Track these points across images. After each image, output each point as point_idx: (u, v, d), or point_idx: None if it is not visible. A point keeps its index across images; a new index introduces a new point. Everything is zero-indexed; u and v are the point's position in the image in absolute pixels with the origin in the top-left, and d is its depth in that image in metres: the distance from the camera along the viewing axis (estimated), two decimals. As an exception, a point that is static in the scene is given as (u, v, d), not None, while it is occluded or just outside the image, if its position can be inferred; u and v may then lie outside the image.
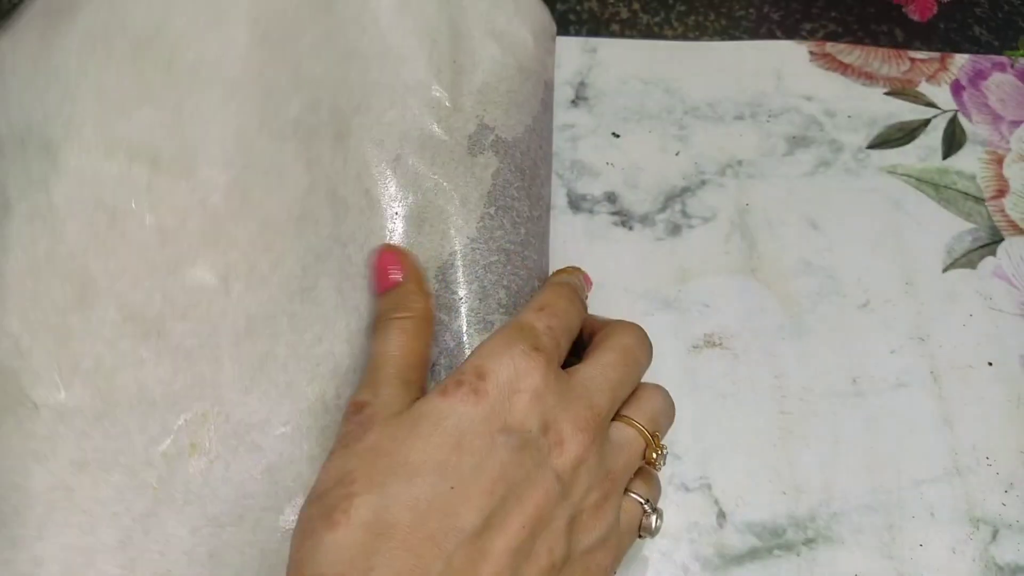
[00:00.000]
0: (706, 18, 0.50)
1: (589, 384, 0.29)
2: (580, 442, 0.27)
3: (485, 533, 0.25)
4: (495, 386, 0.27)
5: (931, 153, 0.45)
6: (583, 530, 0.27)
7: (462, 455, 0.26)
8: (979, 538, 0.35)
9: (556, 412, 0.27)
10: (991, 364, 0.39)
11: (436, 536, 0.24)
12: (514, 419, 0.27)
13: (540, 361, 0.28)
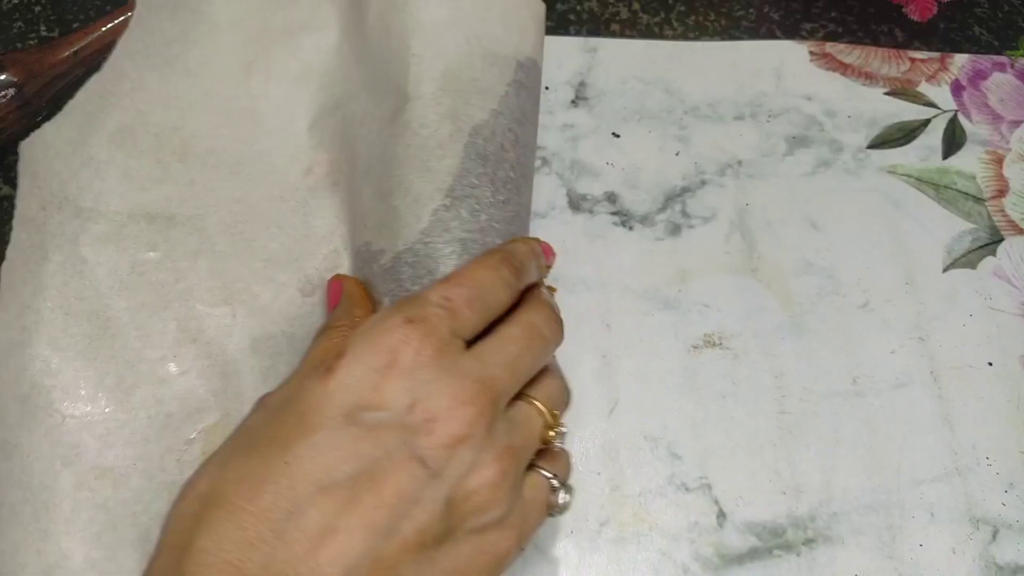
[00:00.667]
0: (706, 18, 0.50)
1: (485, 358, 0.27)
2: (460, 417, 0.25)
3: (328, 511, 0.24)
4: (348, 363, 0.26)
5: (931, 153, 0.45)
6: (470, 509, 0.26)
7: (302, 432, 0.25)
8: (979, 538, 0.35)
9: (431, 387, 0.26)
10: (991, 364, 0.39)
11: (267, 509, 0.24)
12: (377, 397, 0.25)
13: (413, 334, 0.26)
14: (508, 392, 0.28)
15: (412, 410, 0.25)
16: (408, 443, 0.25)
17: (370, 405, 0.25)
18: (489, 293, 0.29)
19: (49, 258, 0.35)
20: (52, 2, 0.49)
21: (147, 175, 0.38)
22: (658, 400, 0.38)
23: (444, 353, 0.26)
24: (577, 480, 0.35)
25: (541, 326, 0.30)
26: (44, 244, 0.36)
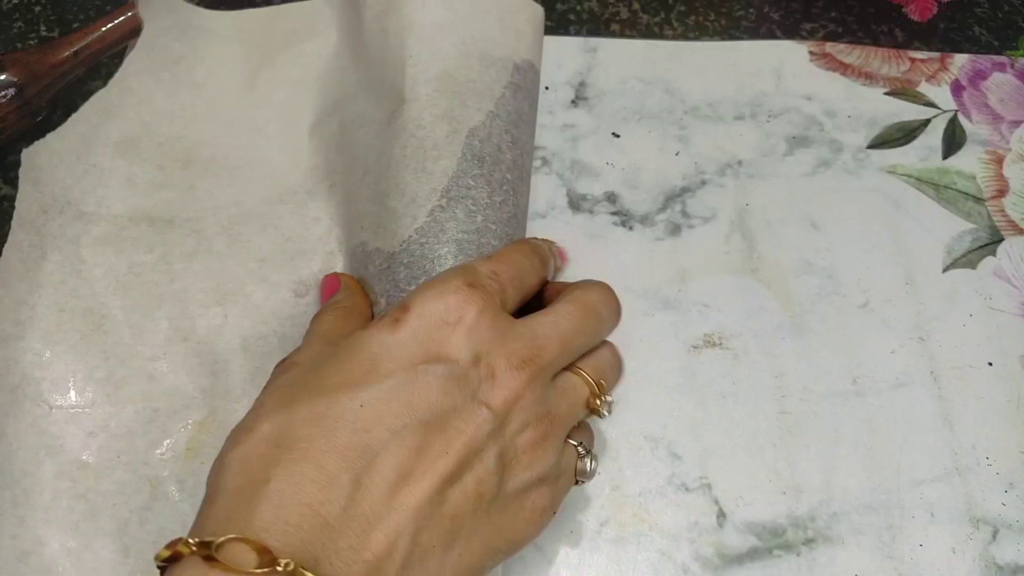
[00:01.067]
0: (706, 18, 0.50)
1: (537, 328, 0.28)
2: (515, 378, 0.27)
3: (400, 455, 0.24)
4: (418, 316, 0.27)
5: (931, 153, 0.45)
6: (517, 468, 0.27)
7: (375, 376, 0.25)
8: (979, 538, 0.35)
9: (490, 346, 0.27)
10: (991, 364, 0.39)
11: (343, 449, 0.24)
12: (441, 349, 0.26)
13: (475, 296, 0.27)
14: (557, 363, 0.28)
15: (476, 366, 0.26)
16: (475, 395, 0.26)
17: (439, 356, 0.26)
18: (527, 275, 0.31)
19: (47, 258, 0.36)
20: (52, 2, 0.49)
21: (149, 181, 0.39)
22: (658, 400, 0.38)
23: (499, 319, 0.28)
24: (577, 480, 0.36)
25: (597, 305, 0.30)
26: (43, 244, 0.36)
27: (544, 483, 0.28)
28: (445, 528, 0.25)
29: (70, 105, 0.42)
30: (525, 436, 0.27)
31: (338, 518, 0.23)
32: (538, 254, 0.32)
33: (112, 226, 0.37)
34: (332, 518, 0.23)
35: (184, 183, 0.39)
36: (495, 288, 0.28)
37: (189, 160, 0.40)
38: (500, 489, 0.26)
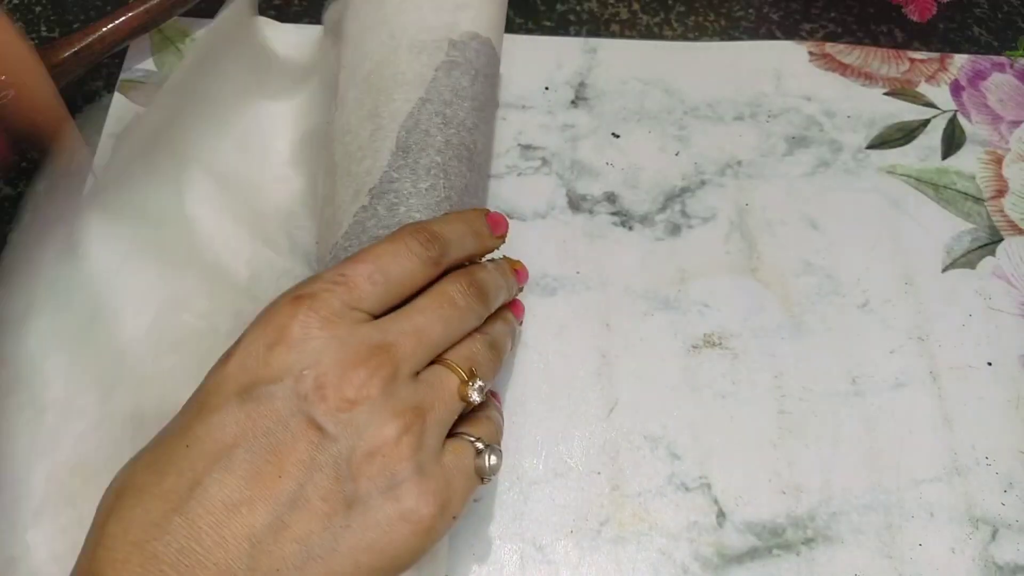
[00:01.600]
0: (706, 19, 0.50)
1: (388, 326, 0.28)
2: (350, 382, 0.26)
3: (229, 485, 0.24)
4: (246, 344, 0.26)
5: (930, 153, 0.45)
6: (371, 473, 0.25)
7: (200, 416, 0.26)
8: (978, 538, 0.35)
9: (320, 356, 0.26)
10: (990, 364, 0.39)
11: (169, 492, 0.24)
12: (268, 372, 0.26)
13: (300, 309, 0.27)
14: (412, 357, 0.27)
15: (302, 379, 0.26)
16: (302, 411, 0.25)
17: (263, 379, 0.26)
18: (391, 264, 0.29)
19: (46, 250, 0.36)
20: (52, 2, 0.49)
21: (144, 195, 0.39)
22: (658, 400, 0.38)
23: (334, 324, 0.27)
24: (577, 480, 0.36)
25: (453, 295, 0.30)
26: (43, 239, 0.36)
27: (416, 484, 0.26)
28: (292, 551, 0.24)
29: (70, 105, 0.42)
30: (375, 435, 0.26)
31: (172, 556, 0.23)
32: (418, 235, 0.30)
33: (110, 216, 0.37)
34: (165, 556, 0.23)
35: (177, 194, 0.39)
36: (332, 291, 0.27)
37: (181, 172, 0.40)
38: (355, 500, 0.25)
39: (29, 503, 0.32)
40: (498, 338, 0.32)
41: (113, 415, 0.34)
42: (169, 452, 0.25)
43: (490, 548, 0.34)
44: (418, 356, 0.28)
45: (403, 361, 0.27)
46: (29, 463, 0.32)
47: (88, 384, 0.34)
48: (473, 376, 0.29)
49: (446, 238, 0.31)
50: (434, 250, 0.30)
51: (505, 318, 0.34)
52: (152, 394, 0.35)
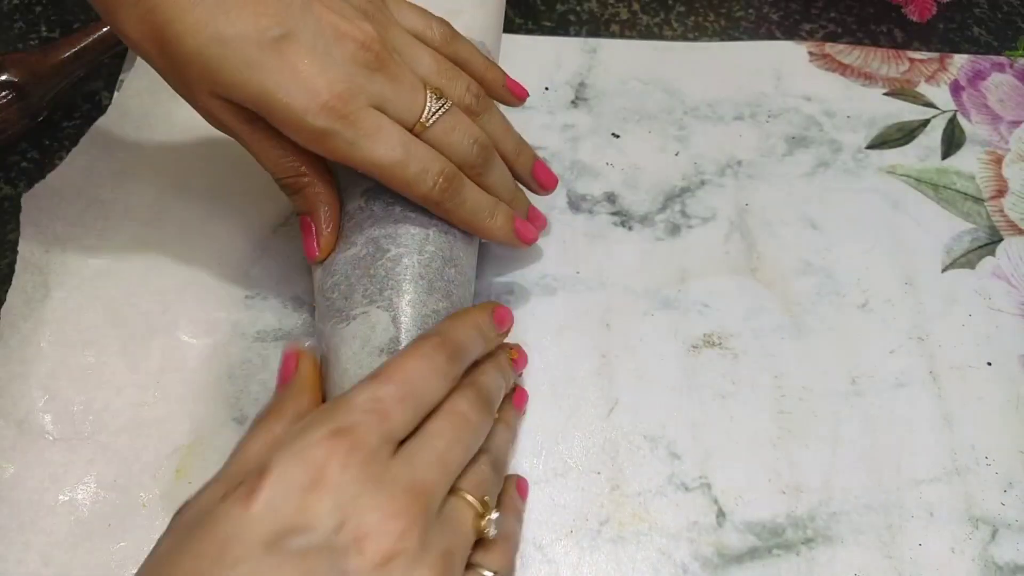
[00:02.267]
0: (706, 19, 0.50)
1: (415, 460, 0.26)
2: (390, 533, 0.24)
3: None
4: (274, 483, 0.24)
5: (930, 153, 0.45)
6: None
7: (221, 567, 0.23)
8: (978, 538, 0.35)
9: (359, 502, 0.24)
10: (990, 364, 0.39)
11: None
12: (300, 519, 0.24)
13: (340, 447, 0.25)
14: (441, 492, 0.27)
15: (341, 530, 0.24)
16: (338, 566, 0.23)
17: (296, 528, 0.24)
18: (421, 386, 0.28)
19: (51, 295, 0.39)
20: (53, 3, 0.49)
21: (147, 211, 0.41)
22: (658, 400, 0.38)
23: (372, 463, 0.25)
24: (577, 480, 0.36)
25: (467, 412, 0.29)
26: (47, 283, 0.39)
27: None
28: None
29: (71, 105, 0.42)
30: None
31: None
32: (444, 351, 0.29)
33: (112, 258, 0.39)
34: None
35: (181, 212, 0.41)
36: (371, 424, 0.26)
37: (185, 187, 0.41)
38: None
39: (43, 524, 0.34)
40: (500, 455, 0.32)
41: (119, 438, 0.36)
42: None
43: (490, 548, 0.34)
44: (443, 488, 0.27)
45: (432, 500, 0.26)
46: (42, 488, 0.34)
47: (94, 413, 0.36)
48: (487, 507, 0.28)
49: (465, 349, 0.30)
50: (458, 365, 0.29)
51: (507, 422, 0.34)
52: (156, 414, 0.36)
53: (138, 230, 0.40)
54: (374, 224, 0.34)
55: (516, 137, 0.38)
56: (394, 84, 0.32)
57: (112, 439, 0.36)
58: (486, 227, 0.35)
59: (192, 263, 0.40)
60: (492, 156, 0.35)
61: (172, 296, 0.39)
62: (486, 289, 0.40)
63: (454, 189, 0.33)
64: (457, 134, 0.33)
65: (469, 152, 0.34)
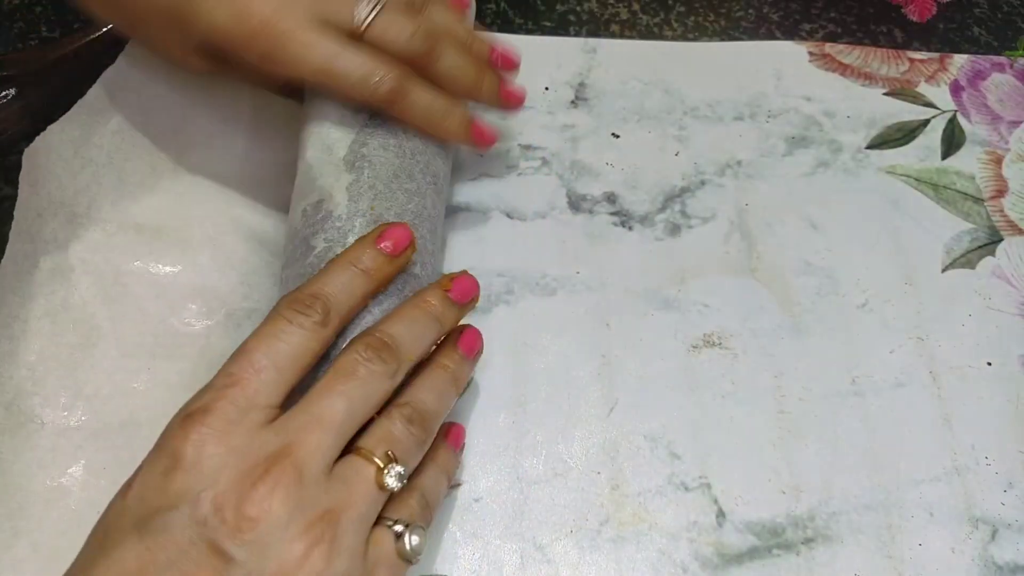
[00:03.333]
0: (705, 19, 0.50)
1: (287, 424, 0.26)
2: (249, 499, 0.24)
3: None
4: (140, 474, 0.26)
5: (930, 153, 0.45)
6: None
7: (102, 552, 0.24)
8: (978, 537, 0.35)
9: (218, 475, 0.25)
10: (990, 364, 0.39)
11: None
12: (165, 500, 0.25)
13: (192, 427, 0.25)
14: (317, 451, 0.26)
15: (199, 502, 0.24)
16: (203, 537, 0.24)
17: (160, 509, 0.24)
18: (274, 345, 0.27)
19: (39, 266, 0.37)
20: (53, 3, 0.49)
21: (140, 182, 0.39)
22: (658, 400, 0.38)
23: (230, 435, 0.25)
24: (577, 480, 0.36)
25: (350, 365, 0.28)
26: (36, 252, 0.37)
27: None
28: None
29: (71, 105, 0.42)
30: (283, 557, 0.24)
31: None
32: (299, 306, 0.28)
33: (101, 232, 0.38)
34: None
35: (173, 189, 0.40)
36: (224, 398, 0.26)
37: (179, 160, 0.40)
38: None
39: (32, 511, 0.33)
40: (424, 401, 0.30)
41: (110, 425, 0.35)
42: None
43: (490, 548, 0.34)
44: (324, 447, 0.26)
45: (307, 460, 0.26)
46: (30, 474, 0.34)
47: (84, 398, 0.35)
48: (391, 461, 0.27)
49: (325, 294, 0.29)
50: (315, 312, 0.28)
51: (441, 363, 0.31)
52: (147, 402, 0.36)
53: (128, 205, 0.39)
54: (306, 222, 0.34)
55: (467, 28, 0.38)
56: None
57: (102, 425, 0.35)
58: (440, 129, 0.36)
59: (188, 245, 0.39)
60: (438, 43, 0.35)
61: (166, 280, 0.38)
62: (486, 289, 0.40)
63: (400, 90, 0.34)
64: (395, 29, 0.34)
65: (410, 44, 0.34)
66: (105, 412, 0.35)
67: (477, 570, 0.34)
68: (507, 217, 0.42)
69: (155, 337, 0.37)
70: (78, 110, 0.40)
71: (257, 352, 0.27)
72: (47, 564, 0.32)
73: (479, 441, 0.36)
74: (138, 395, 0.36)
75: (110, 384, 0.36)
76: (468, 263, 0.39)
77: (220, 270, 0.38)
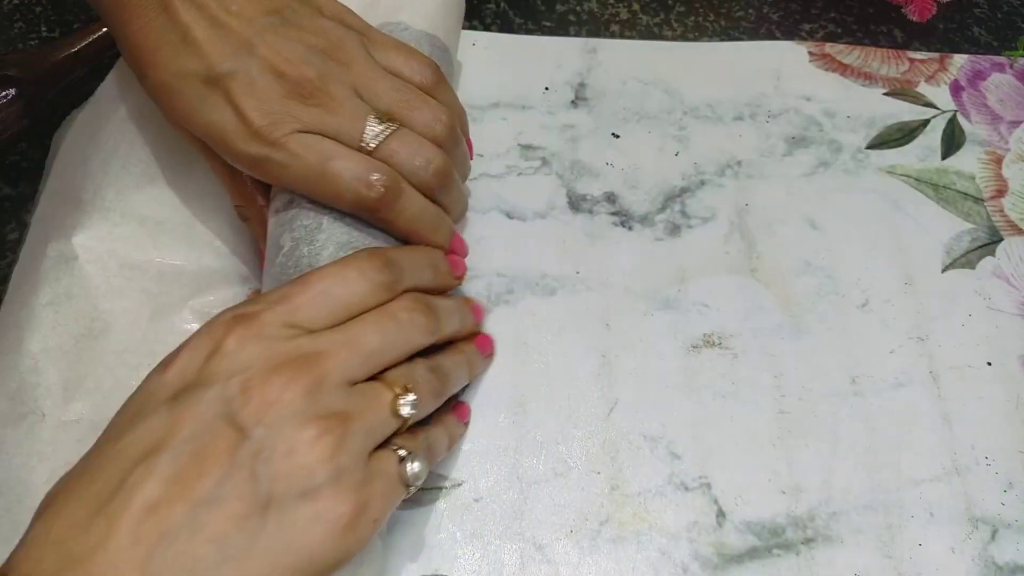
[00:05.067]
0: (705, 19, 0.50)
1: (322, 338, 0.28)
2: (272, 384, 0.26)
3: (150, 486, 0.25)
4: (185, 354, 0.28)
5: (930, 153, 0.45)
6: (291, 471, 0.26)
7: (138, 418, 0.26)
8: (978, 538, 0.35)
9: (250, 362, 0.27)
10: (990, 364, 0.39)
11: (97, 495, 0.25)
12: (201, 377, 0.27)
13: (238, 325, 0.28)
14: (344, 364, 0.28)
15: (230, 384, 0.26)
16: (227, 413, 0.26)
17: (195, 384, 0.27)
18: (338, 285, 0.30)
19: (47, 252, 0.37)
20: (53, 2, 0.49)
21: (143, 172, 0.39)
22: (658, 400, 0.38)
23: (269, 338, 0.28)
24: (577, 480, 0.36)
25: (396, 311, 0.30)
26: (46, 236, 0.37)
27: (332, 486, 0.26)
28: (207, 552, 0.24)
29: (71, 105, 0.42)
30: (293, 438, 0.26)
31: (88, 555, 0.24)
32: (375, 260, 0.31)
33: (104, 221, 0.38)
34: (82, 555, 0.24)
35: (175, 181, 0.39)
36: (272, 311, 0.28)
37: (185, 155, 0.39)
38: (270, 500, 0.25)
39: (31, 503, 0.32)
40: (444, 364, 0.33)
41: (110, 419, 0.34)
42: (100, 457, 0.26)
43: (490, 548, 0.34)
44: (351, 365, 0.28)
45: (332, 369, 0.28)
46: (30, 467, 0.33)
47: (85, 392, 0.35)
48: (407, 390, 0.29)
49: (401, 265, 0.31)
50: (388, 275, 0.31)
51: (461, 349, 0.35)
52: None
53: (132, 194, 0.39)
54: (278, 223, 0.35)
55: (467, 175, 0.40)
56: (332, 114, 0.33)
57: (103, 420, 0.34)
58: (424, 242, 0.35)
59: (192, 241, 0.38)
60: (448, 180, 0.35)
61: (169, 275, 0.38)
62: (486, 289, 0.40)
63: (392, 197, 0.33)
64: (405, 155, 0.34)
65: (419, 172, 0.34)
66: (106, 406, 0.34)
67: (477, 570, 0.34)
68: (507, 217, 0.42)
69: (157, 332, 0.37)
70: (97, 97, 0.40)
71: (320, 284, 0.29)
72: None
73: (479, 441, 0.36)
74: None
75: (111, 378, 0.35)
76: (468, 263, 0.39)
77: (222, 268, 0.38)
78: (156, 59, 0.33)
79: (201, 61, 0.32)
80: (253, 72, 0.32)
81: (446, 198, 0.36)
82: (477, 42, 0.47)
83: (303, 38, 0.33)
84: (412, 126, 0.34)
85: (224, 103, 0.32)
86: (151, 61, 0.33)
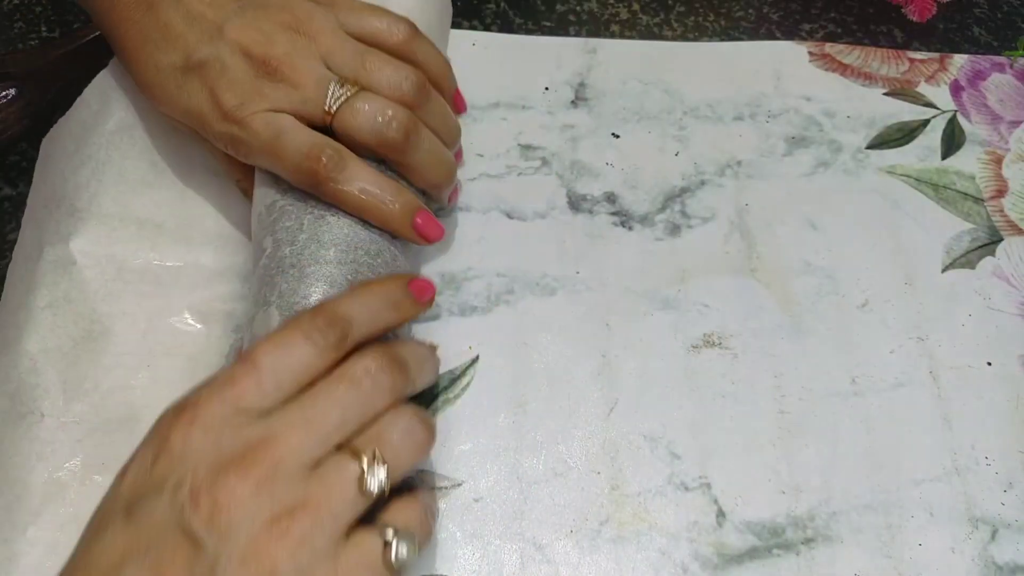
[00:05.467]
0: (705, 19, 0.50)
1: (274, 421, 0.27)
2: (220, 485, 0.25)
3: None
4: (132, 462, 0.27)
5: (930, 153, 0.45)
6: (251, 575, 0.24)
7: (96, 536, 0.26)
8: (978, 538, 0.35)
9: (199, 462, 0.25)
10: (990, 364, 0.39)
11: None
12: (151, 484, 0.26)
13: (181, 419, 0.26)
14: (299, 448, 0.26)
15: (179, 488, 0.25)
16: (180, 523, 0.25)
17: (146, 493, 0.25)
18: (282, 359, 0.28)
19: (44, 256, 0.37)
20: (53, 2, 0.49)
21: (140, 178, 0.39)
22: (658, 400, 0.38)
23: (217, 428, 0.26)
24: (577, 480, 0.36)
25: (355, 373, 0.28)
26: (41, 241, 0.37)
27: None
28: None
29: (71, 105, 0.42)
30: (246, 543, 0.25)
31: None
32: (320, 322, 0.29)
33: (103, 226, 0.38)
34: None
35: (174, 184, 0.40)
36: (216, 399, 0.27)
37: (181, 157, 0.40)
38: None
39: (30, 504, 0.33)
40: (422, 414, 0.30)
41: (109, 421, 0.35)
42: (72, 568, 0.26)
43: (490, 548, 0.34)
44: (306, 447, 0.26)
45: (286, 455, 0.26)
46: (29, 466, 0.33)
47: (83, 393, 0.35)
48: (374, 462, 0.27)
49: (349, 317, 0.29)
50: (333, 335, 0.29)
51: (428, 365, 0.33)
52: (146, 398, 0.36)
53: (129, 199, 0.39)
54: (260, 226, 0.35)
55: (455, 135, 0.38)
56: (298, 88, 0.33)
57: (101, 421, 0.35)
58: (379, 214, 0.34)
59: (190, 243, 0.39)
60: (415, 136, 0.34)
61: (167, 277, 0.38)
62: (486, 289, 0.40)
63: (333, 166, 0.33)
64: (364, 115, 0.33)
65: (381, 130, 0.34)
66: (104, 407, 0.35)
67: (477, 570, 0.34)
68: (507, 217, 0.42)
69: (155, 334, 0.37)
70: (78, 107, 0.40)
71: (264, 359, 0.28)
72: (44, 557, 0.32)
73: (479, 441, 0.36)
74: (137, 391, 0.36)
75: (109, 379, 0.36)
76: (468, 263, 0.40)
77: (221, 269, 0.38)
78: (143, 56, 0.35)
79: (179, 52, 0.34)
80: (224, 56, 0.33)
81: (414, 157, 0.35)
82: (477, 42, 0.47)
83: (270, 16, 0.34)
84: (376, 87, 0.34)
85: (200, 87, 0.34)
86: (140, 59, 0.35)
